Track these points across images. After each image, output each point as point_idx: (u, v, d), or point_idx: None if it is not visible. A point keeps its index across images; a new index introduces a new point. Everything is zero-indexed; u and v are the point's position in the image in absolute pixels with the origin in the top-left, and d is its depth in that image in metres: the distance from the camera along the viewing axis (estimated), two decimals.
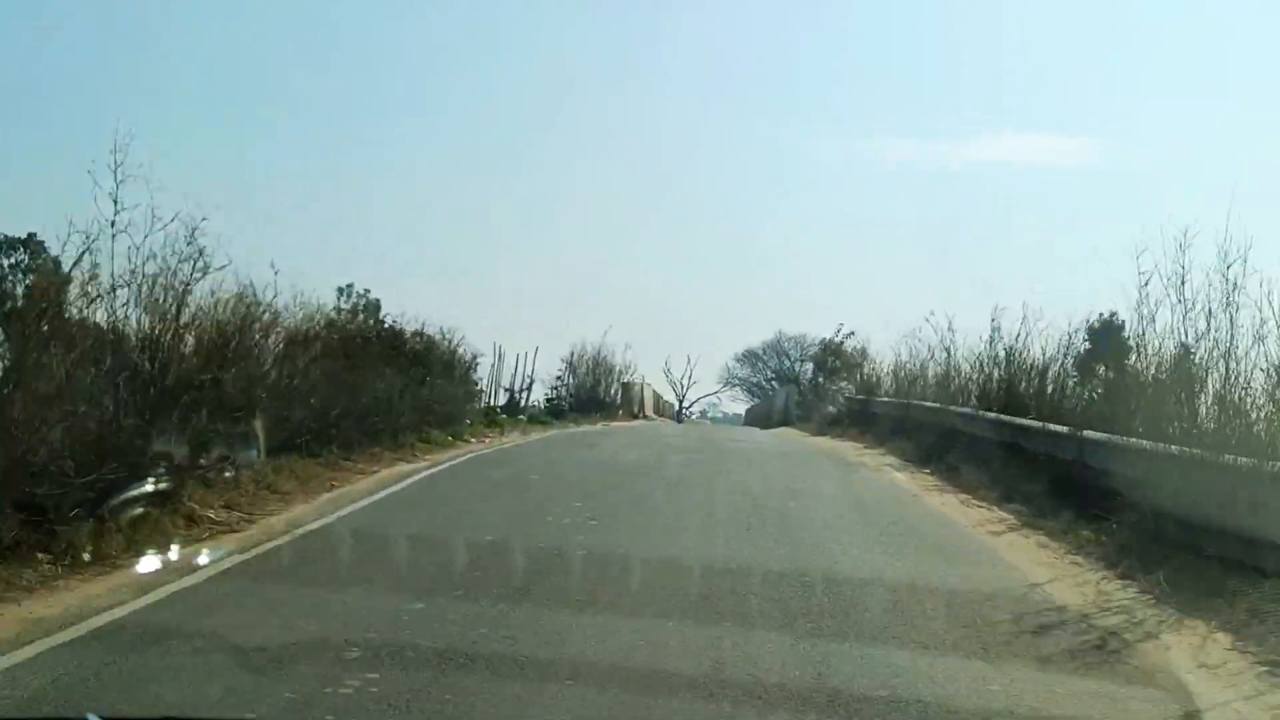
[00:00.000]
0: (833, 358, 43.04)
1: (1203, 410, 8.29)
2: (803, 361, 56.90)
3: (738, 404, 67.93)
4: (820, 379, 45.10)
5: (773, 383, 61.11)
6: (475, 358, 22.29)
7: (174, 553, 7.12)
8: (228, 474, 9.40)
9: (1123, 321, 12.58)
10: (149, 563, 6.82)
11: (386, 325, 18.59)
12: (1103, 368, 13.44)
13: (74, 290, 8.54)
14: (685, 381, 63.80)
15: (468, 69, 75.00)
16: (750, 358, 63.54)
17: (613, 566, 7.10)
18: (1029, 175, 66.39)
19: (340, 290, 62.87)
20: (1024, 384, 14.55)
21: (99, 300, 8.69)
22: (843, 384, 39.44)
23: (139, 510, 7.63)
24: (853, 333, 40.98)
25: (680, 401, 65.33)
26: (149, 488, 7.88)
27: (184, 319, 9.55)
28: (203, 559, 7.03)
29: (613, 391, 33.17)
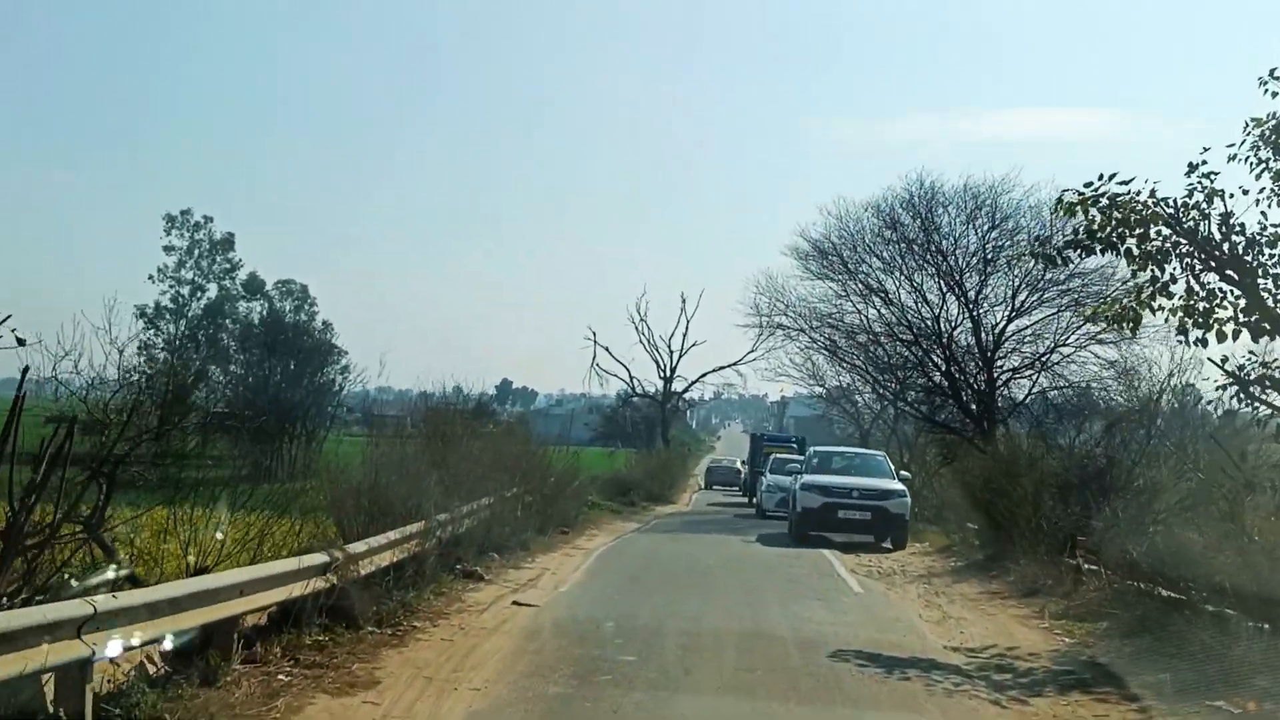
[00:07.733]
0: None
1: None
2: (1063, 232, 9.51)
3: (779, 384, 37.87)
4: None
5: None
6: None
7: None
8: None
9: None
10: None
11: None
12: None
13: None
14: (675, 344, 36.85)
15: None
16: (839, 246, 22.52)
17: None
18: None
19: (170, 219, 42.23)
20: None
21: None
22: None
23: None
24: None
25: (669, 380, 37.95)
26: None
27: None
28: None
29: None
